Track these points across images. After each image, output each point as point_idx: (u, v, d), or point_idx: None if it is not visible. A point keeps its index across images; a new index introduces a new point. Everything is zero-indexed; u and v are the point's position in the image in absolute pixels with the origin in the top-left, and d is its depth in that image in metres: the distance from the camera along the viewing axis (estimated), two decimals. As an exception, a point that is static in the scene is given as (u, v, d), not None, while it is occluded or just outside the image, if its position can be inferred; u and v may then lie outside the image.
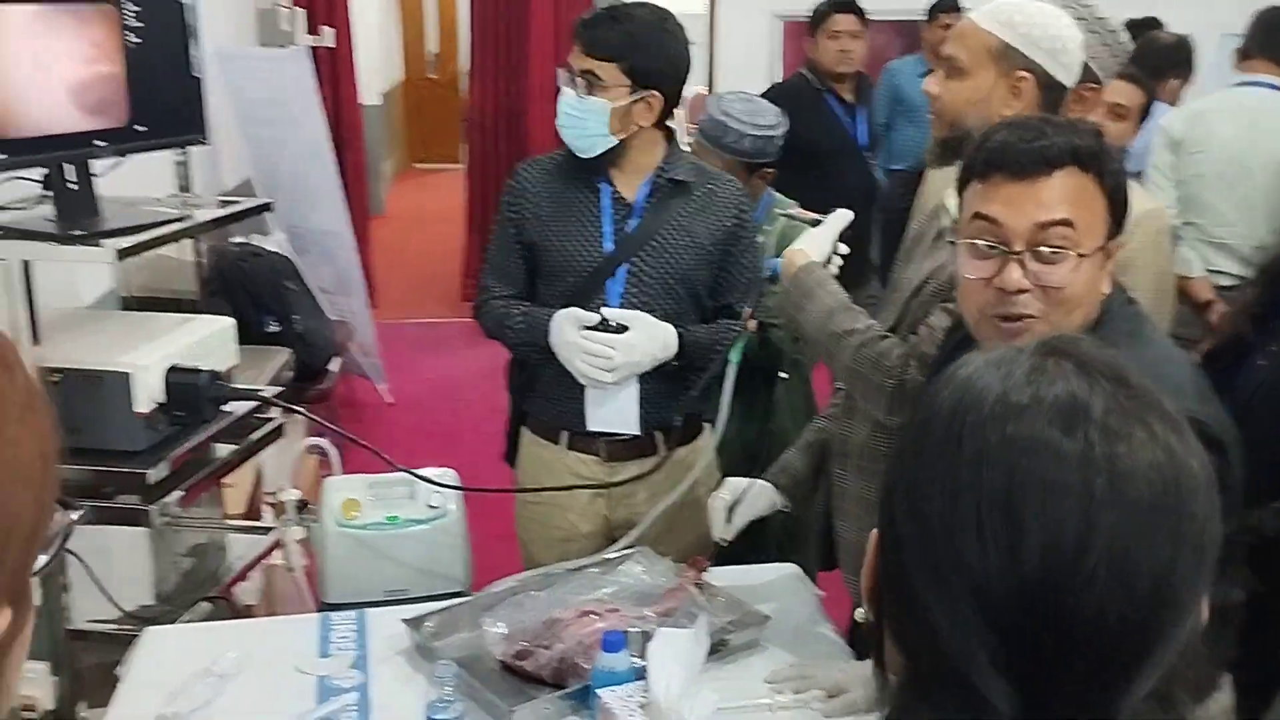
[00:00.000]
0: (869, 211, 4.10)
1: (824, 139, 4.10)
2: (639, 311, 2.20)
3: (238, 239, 4.66)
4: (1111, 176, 1.39)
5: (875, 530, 0.79)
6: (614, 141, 2.19)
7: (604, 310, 2.19)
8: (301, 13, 5.00)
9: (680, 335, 2.22)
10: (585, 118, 2.16)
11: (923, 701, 0.74)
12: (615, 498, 2.33)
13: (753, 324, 2.05)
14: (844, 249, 1.96)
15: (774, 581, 2.12)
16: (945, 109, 1.85)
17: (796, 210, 2.12)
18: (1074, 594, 0.68)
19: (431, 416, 5.33)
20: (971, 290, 1.44)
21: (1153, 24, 4.45)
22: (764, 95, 4.05)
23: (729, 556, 2.12)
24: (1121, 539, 0.69)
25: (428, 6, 12.08)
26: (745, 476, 2.12)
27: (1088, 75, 1.98)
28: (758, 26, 6.73)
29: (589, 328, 2.18)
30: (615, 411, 2.27)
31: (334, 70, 6.49)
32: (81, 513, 0.71)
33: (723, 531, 2.06)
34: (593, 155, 2.21)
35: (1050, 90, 1.77)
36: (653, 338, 2.19)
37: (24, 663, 0.66)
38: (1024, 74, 1.76)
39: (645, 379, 2.25)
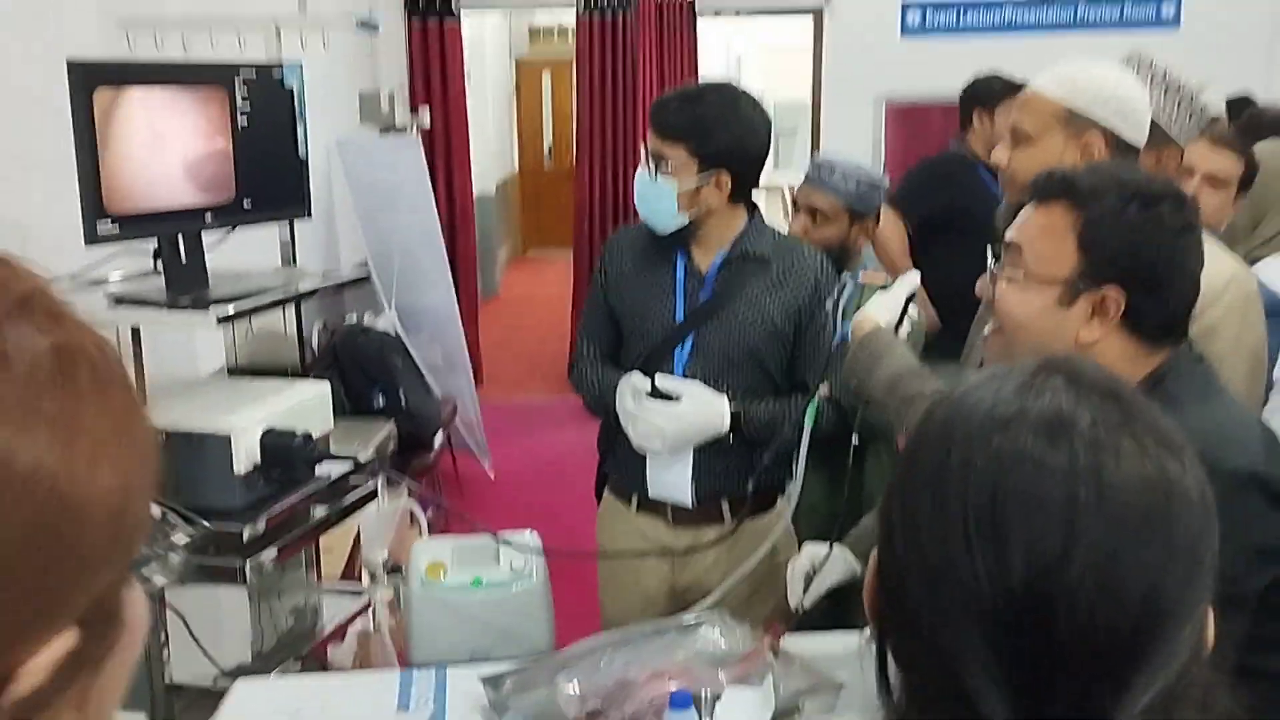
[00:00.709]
0: None
1: (982, 211, 4.13)
2: (694, 382, 2.23)
3: (351, 317, 4.86)
4: (1094, 219, 1.39)
5: (877, 547, 0.80)
6: (684, 219, 2.24)
7: (656, 378, 2.23)
8: (402, 94, 5.26)
9: (736, 413, 2.23)
10: (656, 197, 2.22)
11: (921, 713, 0.74)
12: (680, 563, 2.35)
13: (824, 389, 2.06)
14: (914, 312, 1.96)
15: (852, 649, 2.09)
16: (1016, 176, 1.86)
17: (866, 275, 2.14)
18: (1060, 603, 0.69)
19: (532, 492, 5.40)
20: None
21: (1246, 103, 4.36)
22: (920, 168, 4.15)
23: (809, 624, 2.10)
24: (1107, 549, 0.69)
25: (545, 101, 12.49)
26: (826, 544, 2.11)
27: (1165, 138, 1.97)
28: (860, 111, 6.79)
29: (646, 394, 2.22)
30: (671, 479, 2.31)
31: (449, 161, 6.77)
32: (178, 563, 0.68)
33: (799, 598, 2.05)
34: (667, 232, 2.27)
35: (1121, 150, 1.77)
36: (704, 409, 2.22)
37: (121, 692, 0.63)
38: (1092, 136, 1.76)
39: (701, 451, 2.28)
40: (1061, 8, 6.68)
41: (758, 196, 2.37)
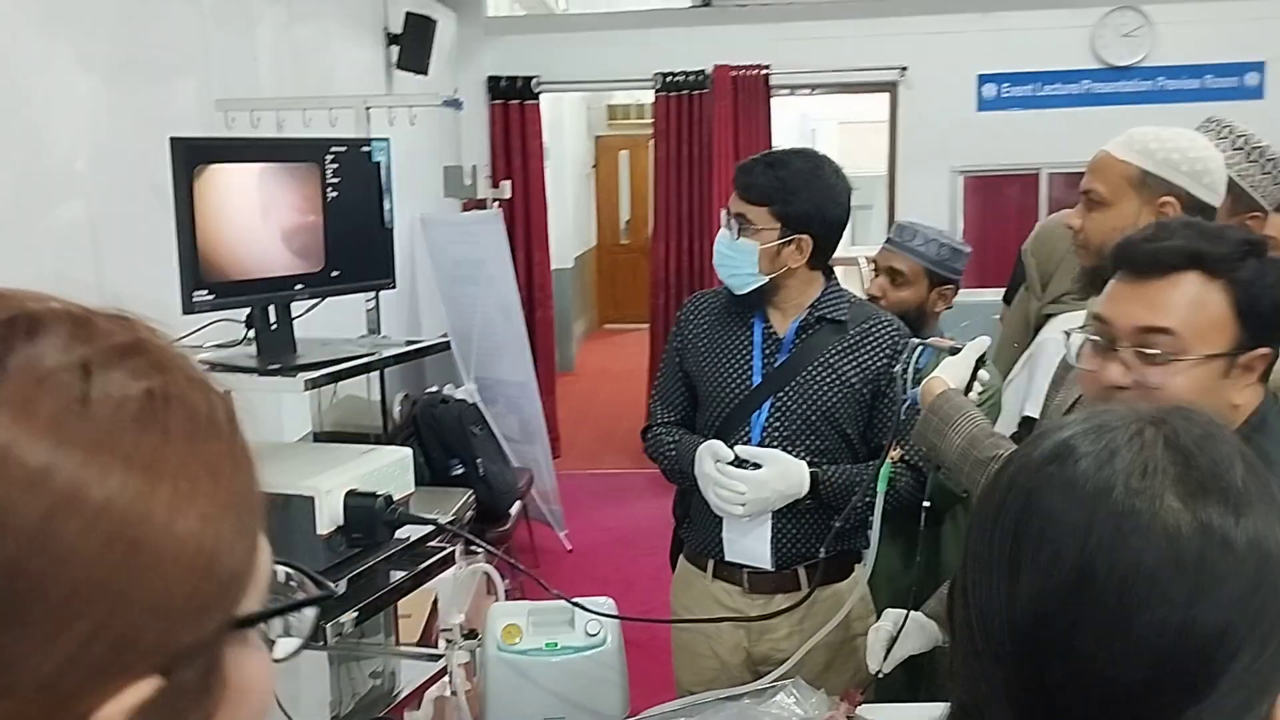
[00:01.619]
0: None
1: None
2: (774, 450, 2.24)
3: (431, 388, 4.95)
4: (1245, 286, 1.37)
5: None
6: (764, 280, 2.26)
7: (737, 449, 2.24)
8: (484, 168, 5.41)
9: (814, 474, 2.24)
10: (737, 257, 2.25)
11: None
12: (756, 631, 2.34)
13: (896, 453, 2.05)
14: (985, 376, 1.95)
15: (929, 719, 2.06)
16: (1090, 240, 1.86)
17: (934, 339, 2.14)
18: (1065, 633, 0.69)
19: (608, 563, 5.40)
20: (1083, 380, 1.50)
21: None
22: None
23: (886, 693, 2.07)
24: (1120, 585, 0.69)
25: (622, 177, 12.70)
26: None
27: (1250, 203, 1.96)
28: (938, 183, 6.80)
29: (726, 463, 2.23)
30: (750, 544, 2.31)
31: (528, 236, 6.91)
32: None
33: (880, 661, 2.03)
34: (745, 292, 2.29)
35: (1197, 212, 1.76)
36: (784, 475, 2.22)
37: None
38: (1168, 199, 1.76)
39: (780, 516, 2.28)
40: (1140, 80, 6.63)
41: (835, 270, 2.39)
